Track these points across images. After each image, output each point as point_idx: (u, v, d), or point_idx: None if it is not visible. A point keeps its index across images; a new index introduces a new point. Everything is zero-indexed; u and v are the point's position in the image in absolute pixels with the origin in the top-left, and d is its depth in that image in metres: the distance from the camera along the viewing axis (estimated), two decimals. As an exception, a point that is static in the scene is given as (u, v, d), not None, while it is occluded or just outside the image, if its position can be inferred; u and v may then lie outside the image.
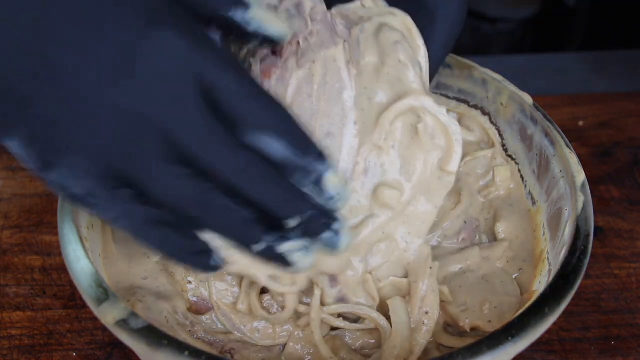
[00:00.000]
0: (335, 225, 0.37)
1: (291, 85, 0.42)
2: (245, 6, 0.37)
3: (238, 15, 0.37)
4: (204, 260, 0.37)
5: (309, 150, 0.36)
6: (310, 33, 0.43)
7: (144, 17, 0.34)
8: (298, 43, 0.43)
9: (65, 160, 0.35)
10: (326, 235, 0.37)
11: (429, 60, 0.44)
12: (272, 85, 0.42)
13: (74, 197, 0.36)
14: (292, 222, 0.36)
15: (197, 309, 0.45)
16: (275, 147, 0.35)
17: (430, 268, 0.44)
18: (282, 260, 0.37)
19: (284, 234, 0.36)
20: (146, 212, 0.36)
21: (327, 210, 0.37)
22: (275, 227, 0.36)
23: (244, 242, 0.36)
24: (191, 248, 0.37)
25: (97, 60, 0.34)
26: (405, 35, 0.42)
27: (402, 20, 0.42)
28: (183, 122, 0.34)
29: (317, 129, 0.42)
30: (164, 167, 0.34)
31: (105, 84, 0.34)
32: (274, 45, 0.42)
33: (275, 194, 0.35)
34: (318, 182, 0.36)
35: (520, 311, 0.38)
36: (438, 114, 0.41)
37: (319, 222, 0.36)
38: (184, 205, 0.35)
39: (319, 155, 0.36)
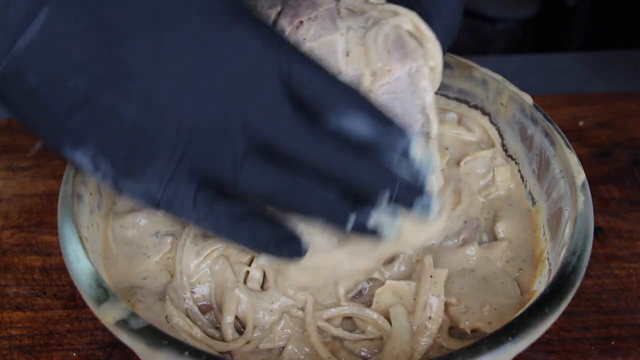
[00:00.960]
0: (424, 195, 0.38)
1: None
2: None
3: None
4: (293, 247, 0.38)
5: (392, 124, 0.36)
6: (315, 17, 0.43)
7: (220, 15, 0.35)
8: (301, 22, 0.43)
9: (149, 167, 0.34)
10: (417, 205, 0.38)
11: None
12: None
13: (156, 204, 0.36)
14: (384, 196, 0.37)
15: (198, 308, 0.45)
16: (360, 124, 0.35)
17: (431, 277, 0.44)
18: (370, 234, 0.38)
19: (372, 207, 0.37)
20: (231, 209, 0.36)
21: (415, 181, 0.37)
22: (362, 202, 0.37)
23: (335, 220, 0.37)
24: (279, 237, 0.37)
25: (175, 63, 0.33)
26: (415, 34, 0.42)
27: (409, 19, 0.42)
28: (268, 115, 0.35)
29: None
30: (249, 161, 0.35)
31: (186, 86, 0.34)
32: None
33: (365, 172, 0.36)
34: (405, 154, 0.36)
35: (520, 311, 0.38)
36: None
37: (408, 193, 0.37)
38: (271, 195, 0.36)
39: (400, 129, 0.36)
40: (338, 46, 0.42)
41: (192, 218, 0.36)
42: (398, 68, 0.41)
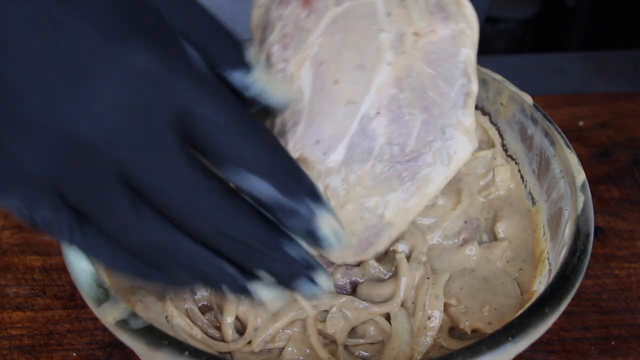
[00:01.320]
0: (314, 274, 0.33)
1: (325, 18, 0.41)
2: (246, 68, 0.33)
3: (237, 77, 0.33)
4: (174, 276, 0.34)
5: (300, 188, 0.32)
6: None
7: (110, 29, 0.30)
8: None
9: (14, 192, 0.31)
10: (302, 283, 0.33)
11: None
12: (306, 15, 0.41)
13: (34, 225, 0.32)
14: (264, 274, 0.32)
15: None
16: (259, 186, 0.31)
17: (428, 278, 0.44)
18: (251, 296, 0.33)
19: (249, 276, 0.33)
20: (112, 245, 0.32)
21: (308, 261, 0.33)
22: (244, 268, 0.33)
23: (212, 283, 0.33)
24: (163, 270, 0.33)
25: (49, 75, 0.29)
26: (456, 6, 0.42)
27: None
28: (146, 156, 0.30)
29: (347, 59, 0.41)
30: (119, 205, 0.30)
31: (57, 104, 0.29)
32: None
33: (245, 249, 0.32)
34: (309, 223, 0.31)
35: (520, 311, 0.38)
36: None
37: (295, 273, 0.33)
38: (145, 246, 0.32)
39: (311, 193, 0.32)
40: (378, 7, 0.41)
41: (77, 245, 0.33)
42: (441, 28, 0.41)
